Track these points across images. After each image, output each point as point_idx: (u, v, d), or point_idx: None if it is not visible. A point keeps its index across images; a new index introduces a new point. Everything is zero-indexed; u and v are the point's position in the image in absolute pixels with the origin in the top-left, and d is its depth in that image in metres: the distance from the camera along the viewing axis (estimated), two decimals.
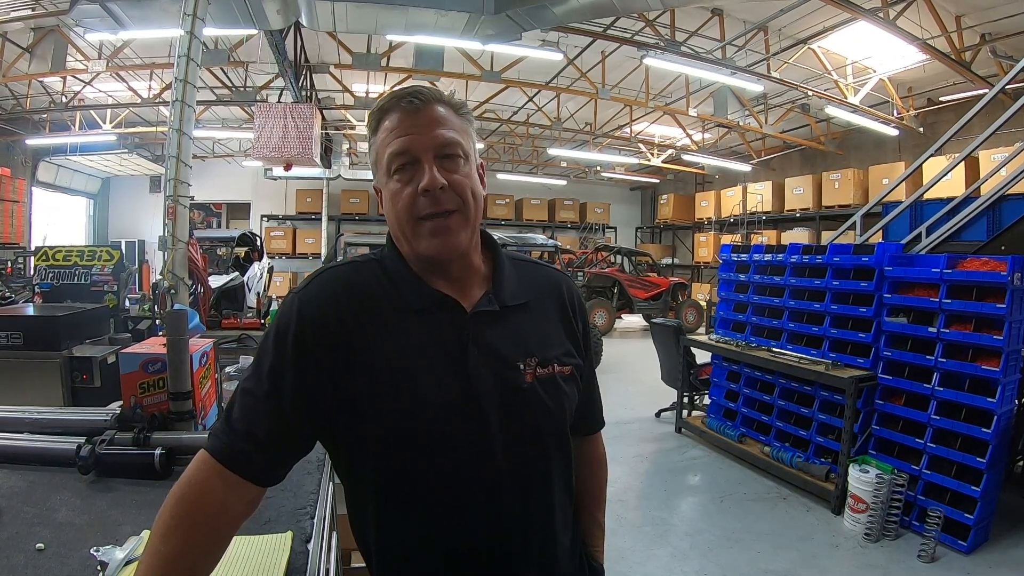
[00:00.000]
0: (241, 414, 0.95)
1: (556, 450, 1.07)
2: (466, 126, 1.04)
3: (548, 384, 1.04)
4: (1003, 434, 3.64)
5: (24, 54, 8.81)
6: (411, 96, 0.99)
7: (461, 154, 1.00)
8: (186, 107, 4.59)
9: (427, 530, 0.99)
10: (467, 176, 1.01)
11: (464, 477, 0.98)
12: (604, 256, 14.81)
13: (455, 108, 1.03)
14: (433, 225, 0.98)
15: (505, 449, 0.99)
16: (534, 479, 1.03)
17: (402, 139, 0.97)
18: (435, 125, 0.98)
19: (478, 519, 0.99)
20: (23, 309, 4.10)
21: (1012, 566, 3.47)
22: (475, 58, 9.12)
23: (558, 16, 6.10)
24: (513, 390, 1.00)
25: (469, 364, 0.98)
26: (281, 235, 17.00)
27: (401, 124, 0.98)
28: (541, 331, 1.08)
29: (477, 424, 0.97)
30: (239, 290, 7.84)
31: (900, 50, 8.15)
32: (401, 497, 0.99)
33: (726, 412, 5.67)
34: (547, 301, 1.13)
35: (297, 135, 8.37)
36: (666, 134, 14.75)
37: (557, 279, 1.18)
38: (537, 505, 1.04)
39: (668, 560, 3.57)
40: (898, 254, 4.45)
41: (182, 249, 4.55)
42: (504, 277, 1.09)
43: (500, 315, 1.04)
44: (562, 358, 1.08)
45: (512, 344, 1.03)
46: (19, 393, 2.56)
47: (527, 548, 1.02)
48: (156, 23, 6.07)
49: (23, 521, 1.25)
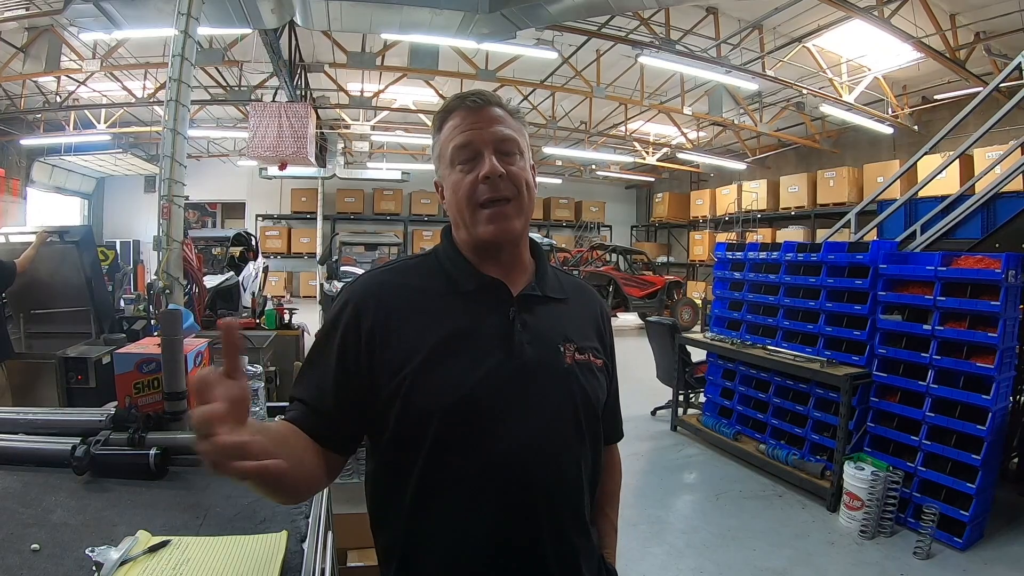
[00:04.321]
0: (296, 384, 1.09)
1: (589, 438, 1.11)
2: (522, 128, 1.14)
3: (585, 369, 1.11)
4: (998, 431, 3.65)
5: (18, 54, 8.77)
6: (474, 96, 1.10)
7: (518, 150, 1.10)
8: (181, 106, 4.58)
9: (464, 516, 1.01)
10: (523, 169, 1.10)
11: (504, 453, 1.01)
12: (599, 255, 14.82)
13: (511, 112, 1.13)
14: (492, 212, 1.06)
15: (545, 426, 1.04)
16: (569, 464, 1.07)
17: (466, 133, 1.07)
18: (495, 122, 1.08)
19: (514, 504, 1.01)
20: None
21: (1007, 563, 3.49)
22: (470, 57, 9.12)
23: (553, 15, 6.10)
24: (555, 369, 1.07)
25: (515, 340, 1.05)
26: (276, 234, 17.00)
27: (465, 120, 1.08)
28: (578, 324, 1.18)
29: (522, 397, 1.03)
30: (234, 290, 7.83)
31: (895, 48, 8.16)
32: (440, 481, 1.01)
33: (721, 410, 5.68)
34: (582, 304, 1.23)
35: (292, 134, 8.34)
36: (661, 132, 14.77)
37: (590, 290, 1.31)
38: (568, 492, 1.07)
39: (664, 558, 3.58)
40: (893, 252, 4.46)
41: (177, 249, 4.55)
42: (546, 273, 1.19)
43: (543, 301, 1.14)
44: (594, 351, 1.16)
45: (554, 328, 1.11)
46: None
47: (558, 537, 1.04)
48: (150, 22, 6.06)
49: (18, 522, 1.25)
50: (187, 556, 1.13)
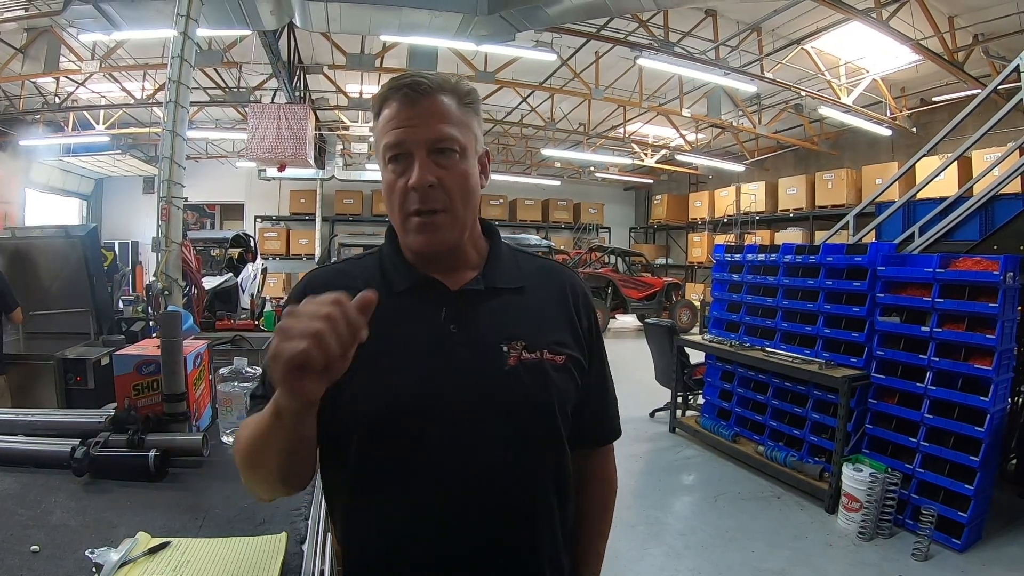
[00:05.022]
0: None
1: (542, 446, 1.00)
2: (468, 118, 1.00)
3: (534, 370, 0.98)
4: (996, 432, 3.66)
5: (17, 55, 8.75)
6: (409, 87, 0.95)
7: (457, 149, 0.96)
8: (180, 108, 4.59)
9: (397, 527, 0.95)
10: (461, 173, 0.97)
11: (432, 463, 0.94)
12: (598, 256, 14.83)
13: (459, 97, 0.99)
14: (421, 222, 0.96)
15: (479, 438, 0.94)
16: (512, 476, 0.97)
17: (397, 131, 0.95)
18: (432, 118, 0.95)
19: (447, 518, 0.94)
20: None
21: (1005, 564, 3.50)
22: (469, 59, 9.12)
23: (552, 17, 6.10)
24: (493, 372, 0.96)
25: (447, 343, 0.96)
26: (275, 236, 16.95)
27: (398, 115, 0.95)
28: (534, 316, 1.04)
29: (452, 404, 0.94)
30: (233, 291, 7.79)
31: (893, 50, 8.18)
32: (371, 488, 0.96)
33: (720, 412, 5.68)
34: (546, 290, 1.09)
35: (291, 136, 8.34)
36: (660, 134, 14.76)
37: (560, 272, 1.15)
38: (511, 504, 0.97)
39: (662, 559, 3.58)
40: (891, 254, 4.47)
41: (176, 250, 4.55)
42: (499, 262, 1.07)
43: (488, 295, 1.02)
44: (554, 346, 1.02)
45: (498, 325, 1.00)
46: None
47: (503, 554, 0.96)
48: (150, 24, 6.05)
49: (17, 523, 1.25)
50: (187, 558, 1.13)
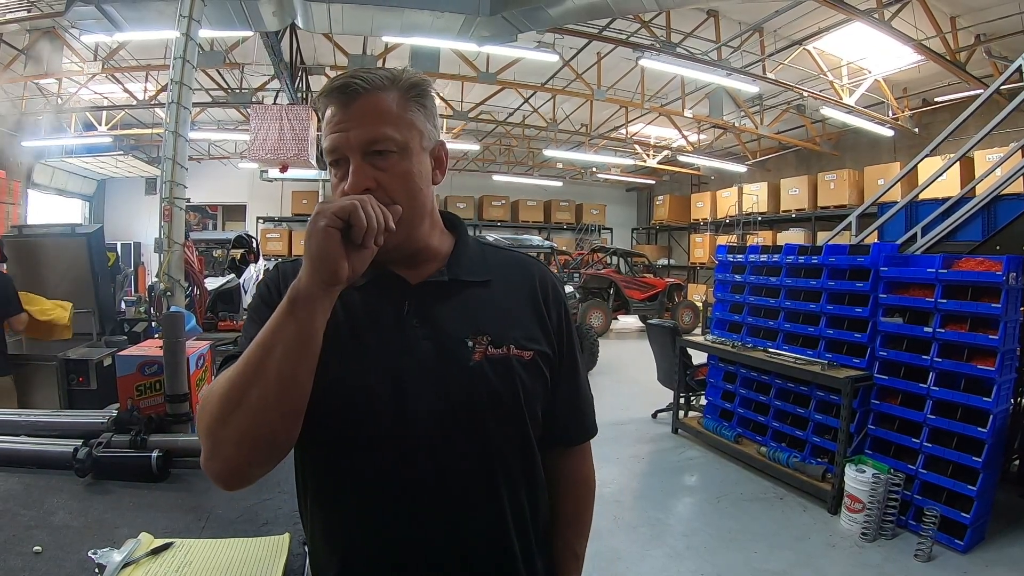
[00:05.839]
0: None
1: (508, 446, 0.98)
2: (411, 113, 0.94)
3: (500, 366, 0.96)
4: (999, 433, 3.65)
5: (19, 56, 8.78)
6: (339, 89, 0.92)
7: (395, 149, 0.92)
8: (182, 109, 4.59)
9: (357, 527, 0.94)
10: (402, 173, 0.93)
11: (392, 460, 0.92)
12: (600, 257, 14.83)
13: (402, 92, 0.94)
14: None
15: (439, 437, 0.92)
16: (477, 476, 0.95)
17: (332, 136, 0.92)
18: (365, 120, 0.90)
19: (406, 518, 0.92)
20: None
21: (1008, 565, 3.48)
22: (471, 59, 9.12)
23: (554, 17, 6.10)
24: (457, 367, 0.94)
25: (408, 338, 0.94)
26: (277, 237, 16.96)
27: (334, 118, 0.92)
28: (501, 310, 1.01)
29: (414, 400, 0.92)
30: (235, 292, 7.81)
31: (895, 51, 8.17)
32: (333, 484, 0.95)
33: (722, 413, 5.68)
34: (514, 283, 1.06)
35: (293, 136, 8.34)
36: (662, 135, 14.77)
37: (529, 264, 1.12)
38: (479, 511, 0.95)
39: (664, 560, 3.58)
40: (894, 254, 4.46)
41: (178, 251, 4.56)
42: (464, 254, 1.05)
43: (451, 288, 1.00)
44: (522, 341, 1.00)
45: (462, 319, 0.98)
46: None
47: (465, 560, 0.94)
48: (152, 25, 6.06)
49: (20, 524, 1.25)
50: (189, 558, 1.13)
